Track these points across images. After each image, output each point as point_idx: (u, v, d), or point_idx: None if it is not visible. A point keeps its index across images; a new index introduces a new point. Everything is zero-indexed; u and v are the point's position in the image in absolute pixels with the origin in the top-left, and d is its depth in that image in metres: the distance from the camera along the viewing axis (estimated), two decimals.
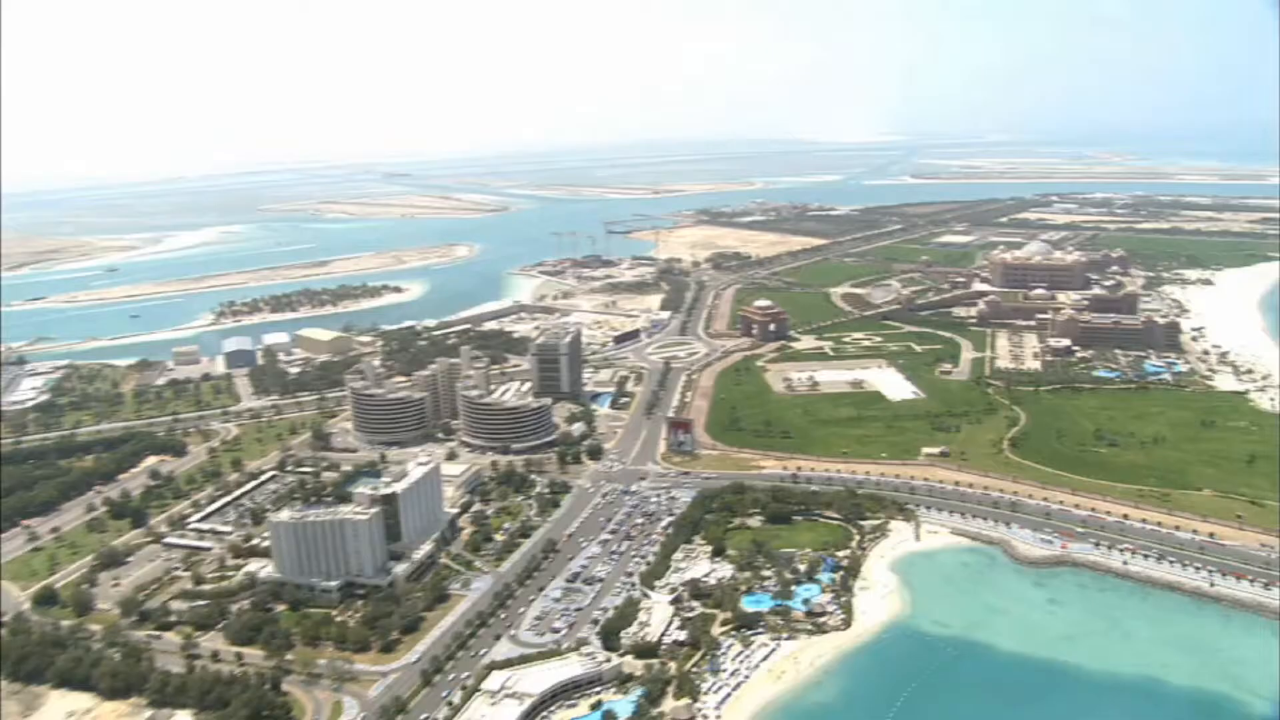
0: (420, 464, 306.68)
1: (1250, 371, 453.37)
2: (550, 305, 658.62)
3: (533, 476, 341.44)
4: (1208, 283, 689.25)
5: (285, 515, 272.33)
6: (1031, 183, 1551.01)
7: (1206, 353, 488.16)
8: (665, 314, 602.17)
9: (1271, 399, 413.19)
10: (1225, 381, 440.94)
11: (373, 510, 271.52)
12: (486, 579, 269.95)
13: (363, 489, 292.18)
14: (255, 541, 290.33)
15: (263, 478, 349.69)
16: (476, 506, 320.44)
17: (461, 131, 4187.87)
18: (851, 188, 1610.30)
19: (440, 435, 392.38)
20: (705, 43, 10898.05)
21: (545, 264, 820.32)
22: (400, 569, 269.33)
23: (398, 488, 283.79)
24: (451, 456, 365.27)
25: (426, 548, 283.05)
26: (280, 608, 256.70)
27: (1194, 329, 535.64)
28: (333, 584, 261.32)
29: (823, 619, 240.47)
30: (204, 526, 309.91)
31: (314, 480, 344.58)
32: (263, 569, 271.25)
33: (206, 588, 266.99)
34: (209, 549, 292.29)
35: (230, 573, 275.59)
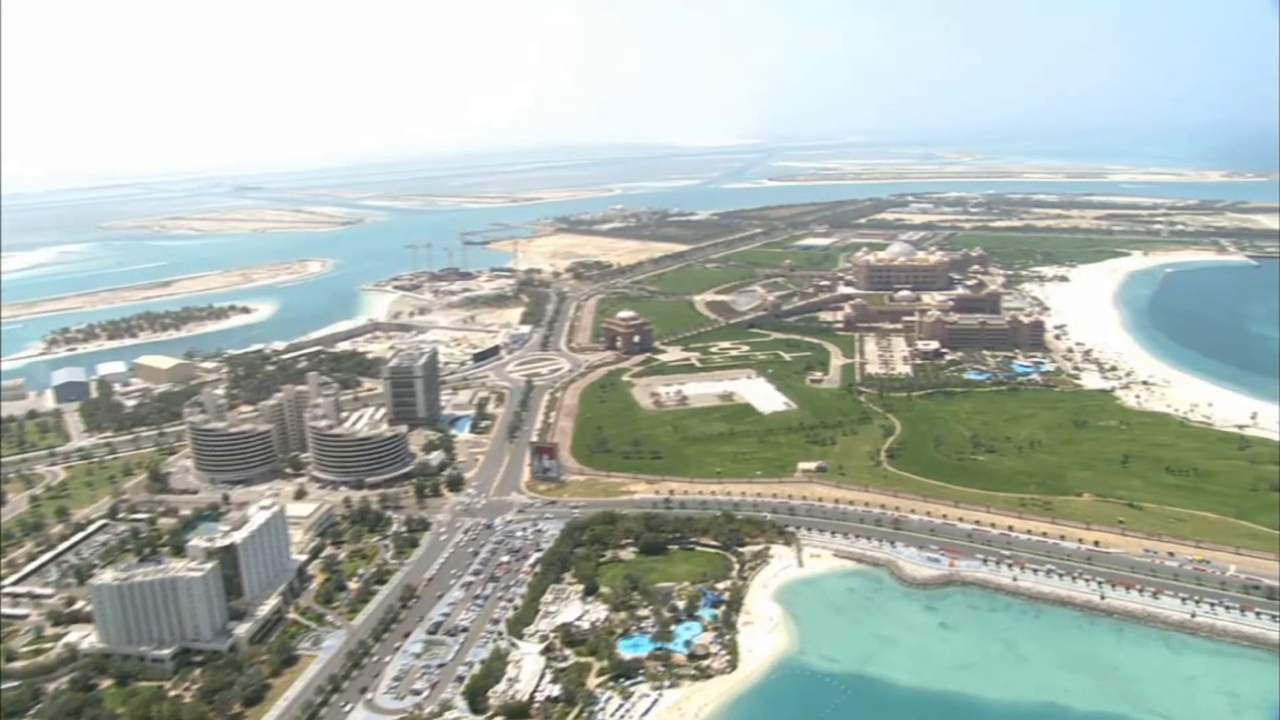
0: (263, 508, 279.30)
1: (1115, 369, 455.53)
2: (406, 322, 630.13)
3: (389, 513, 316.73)
4: (1064, 279, 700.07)
5: (109, 576, 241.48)
6: (887, 183, 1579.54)
7: (1071, 351, 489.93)
8: (526, 328, 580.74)
9: (1138, 396, 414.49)
10: (1092, 380, 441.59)
11: (209, 565, 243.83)
12: (339, 634, 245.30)
13: (197, 542, 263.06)
14: (79, 605, 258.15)
15: (91, 528, 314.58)
16: (328, 550, 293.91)
17: (315, 142, 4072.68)
18: (710, 192, 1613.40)
19: (289, 470, 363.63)
20: (557, 48, 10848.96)
21: (401, 278, 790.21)
22: (242, 629, 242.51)
23: (237, 537, 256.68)
24: (300, 495, 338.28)
25: (272, 602, 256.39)
26: (105, 684, 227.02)
27: (1057, 327, 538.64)
28: (166, 652, 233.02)
29: (706, 661, 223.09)
30: (20, 590, 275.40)
31: (149, 529, 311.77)
32: (85, 638, 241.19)
33: (19, 665, 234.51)
34: (24, 617, 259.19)
35: (48, 644, 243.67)
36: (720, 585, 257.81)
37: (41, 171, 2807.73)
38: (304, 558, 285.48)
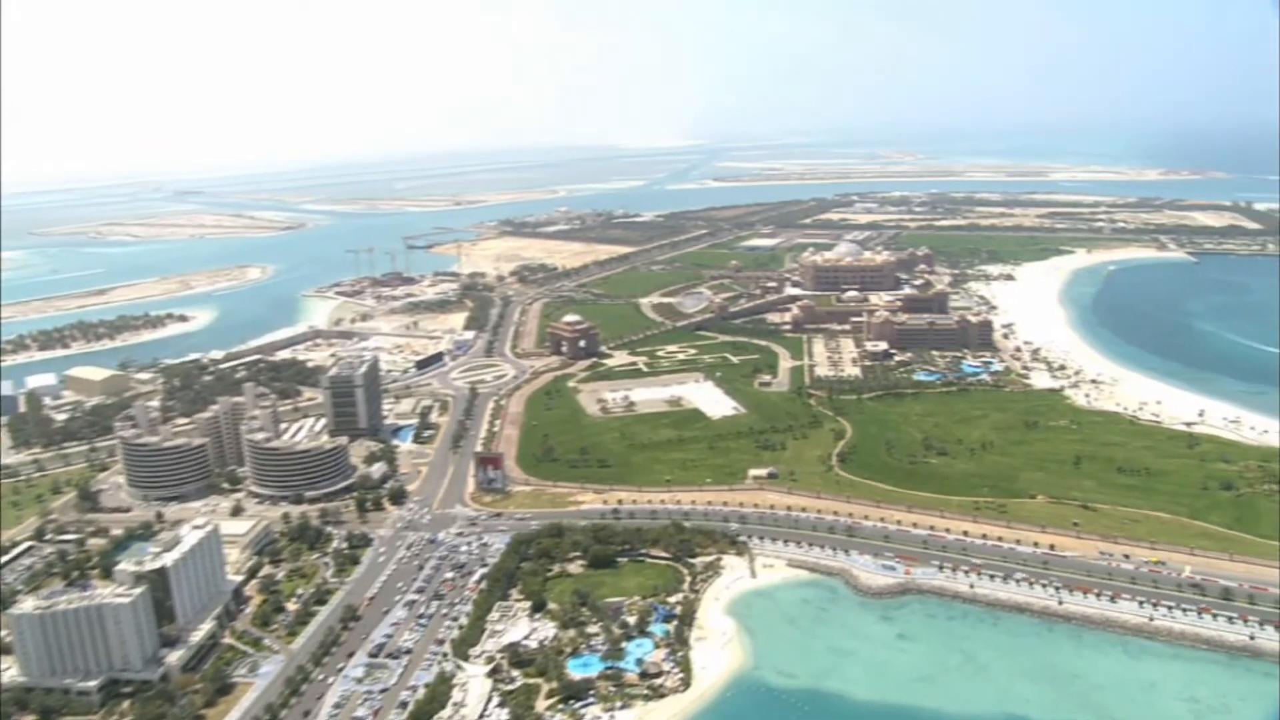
0: (196, 527, 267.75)
1: (1063, 367, 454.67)
2: (348, 329, 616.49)
3: (329, 529, 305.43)
4: (1010, 278, 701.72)
5: (29, 605, 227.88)
6: (831, 183, 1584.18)
7: (1019, 350, 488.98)
8: (470, 333, 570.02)
9: (1087, 395, 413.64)
10: (1041, 379, 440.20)
11: (138, 590, 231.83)
12: (278, 659, 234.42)
13: (126, 565, 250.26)
14: (1, 634, 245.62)
15: (15, 552, 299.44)
16: (266, 570, 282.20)
17: (258, 145, 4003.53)
18: (655, 193, 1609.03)
19: (226, 486, 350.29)
20: (498, 49, 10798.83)
21: (342, 284, 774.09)
22: (175, 657, 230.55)
23: (168, 559, 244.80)
24: (237, 511, 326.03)
25: (206, 627, 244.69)
26: None
27: (1004, 326, 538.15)
28: (92, 684, 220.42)
29: (659, 680, 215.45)
30: None
31: (78, 550, 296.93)
32: (5, 671, 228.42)
33: None
34: None
35: None
36: (672, 599, 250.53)
37: None
38: (240, 578, 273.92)
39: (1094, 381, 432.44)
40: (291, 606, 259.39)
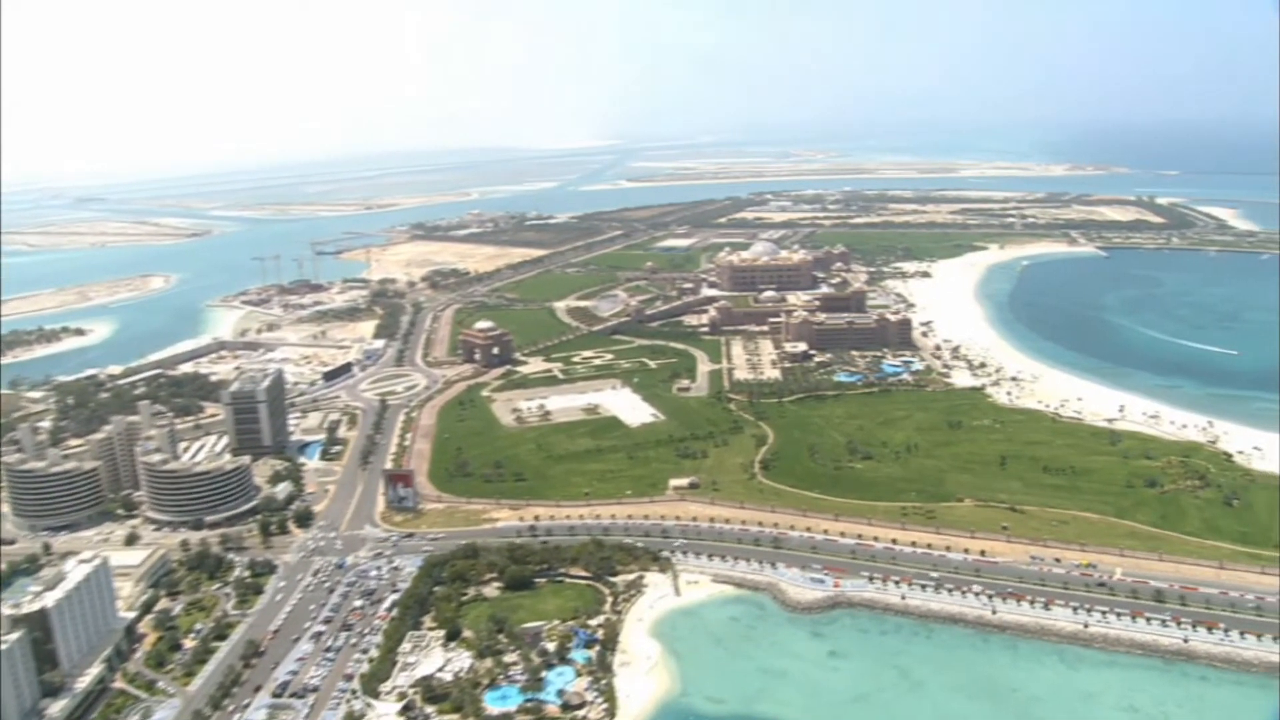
0: (82, 561, 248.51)
1: (984, 365, 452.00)
2: (253, 340, 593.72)
3: (231, 556, 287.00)
4: (926, 275, 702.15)
5: None
6: (745, 182, 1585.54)
7: (939, 348, 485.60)
8: (380, 342, 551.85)
9: (1009, 393, 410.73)
10: (962, 377, 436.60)
11: (14, 636, 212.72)
12: (173, 704, 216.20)
13: (2, 608, 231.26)
14: None
15: None
16: (162, 604, 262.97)
17: (164, 149, 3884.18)
18: (569, 194, 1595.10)
19: (121, 512, 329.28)
20: (409, 49, 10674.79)
21: (249, 293, 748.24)
22: (58, 707, 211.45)
23: (49, 599, 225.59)
24: (132, 540, 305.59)
25: (94, 671, 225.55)
26: None
27: (923, 324, 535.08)
28: None
29: (582, 711, 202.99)
30: None
31: None
32: None
33: None
34: None
35: None
36: (593, 622, 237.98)
37: None
38: (133, 614, 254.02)
39: (1014, 379, 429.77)
40: (189, 643, 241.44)
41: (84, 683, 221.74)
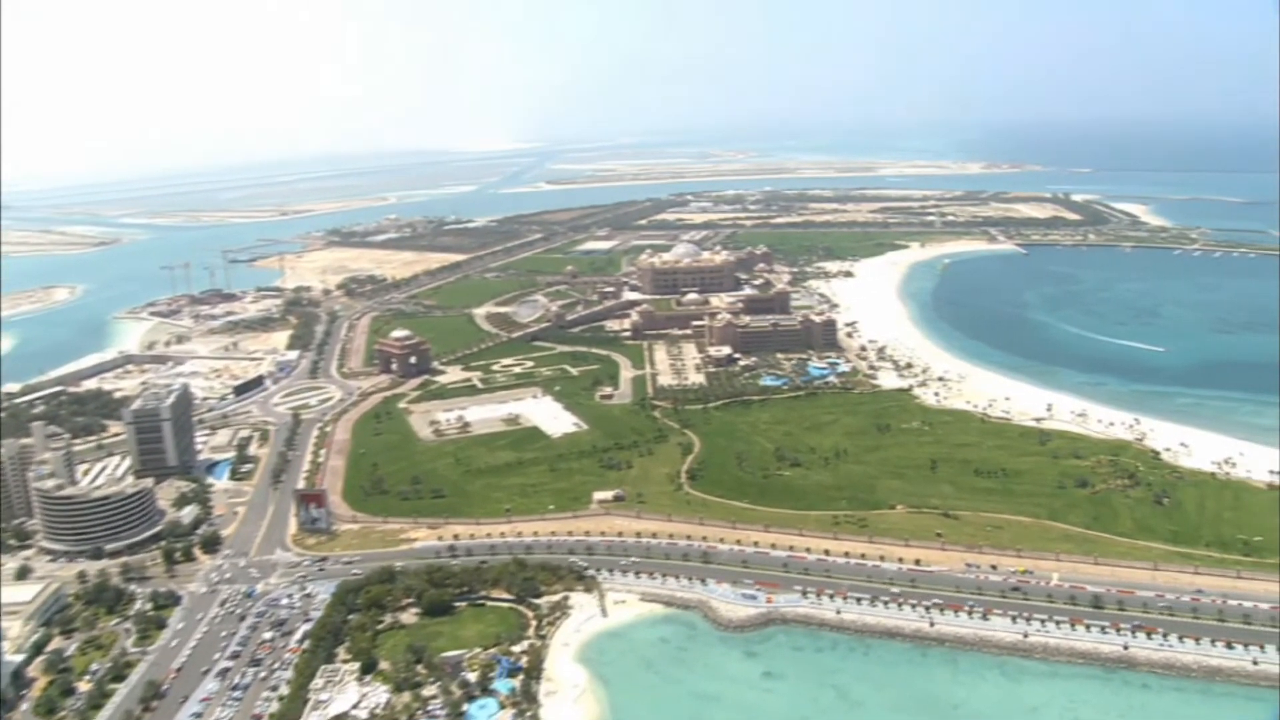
0: None
1: (910, 366, 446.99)
2: (162, 353, 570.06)
3: (132, 587, 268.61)
4: (849, 274, 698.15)
5: None
6: (665, 183, 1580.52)
7: (864, 349, 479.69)
8: (294, 353, 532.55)
9: (936, 394, 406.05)
10: (889, 379, 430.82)
11: None
12: None
13: None
14: None
15: None
16: (55, 643, 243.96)
17: (73, 154, 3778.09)
18: (488, 197, 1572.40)
19: (13, 543, 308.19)
20: (322, 50, 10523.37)
21: (157, 304, 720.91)
22: None
23: None
24: (24, 573, 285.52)
25: None
26: None
27: (848, 324, 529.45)
28: None
29: None
30: None
31: None
32: None
33: None
34: None
35: None
36: (516, 648, 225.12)
37: None
38: (22, 657, 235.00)
39: (941, 379, 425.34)
40: (84, 686, 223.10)
41: None
